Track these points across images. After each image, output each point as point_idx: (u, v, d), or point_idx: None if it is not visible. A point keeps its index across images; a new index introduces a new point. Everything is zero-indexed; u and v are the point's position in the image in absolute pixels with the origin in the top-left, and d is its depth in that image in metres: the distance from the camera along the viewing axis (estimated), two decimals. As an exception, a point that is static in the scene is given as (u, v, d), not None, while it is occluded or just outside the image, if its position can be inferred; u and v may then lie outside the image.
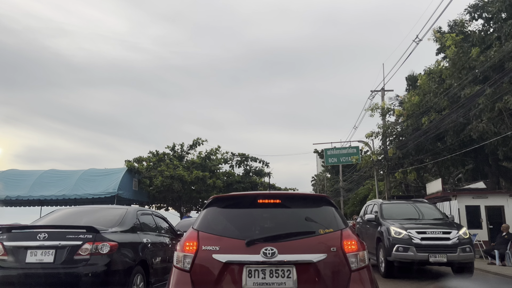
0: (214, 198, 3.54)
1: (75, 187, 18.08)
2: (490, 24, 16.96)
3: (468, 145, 16.63)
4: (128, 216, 5.45)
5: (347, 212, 42.01)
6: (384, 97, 23.45)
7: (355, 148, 25.04)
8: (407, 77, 24.88)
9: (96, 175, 18.87)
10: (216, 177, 23.14)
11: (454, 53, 15.76)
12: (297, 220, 3.38)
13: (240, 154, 27.96)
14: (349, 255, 3.06)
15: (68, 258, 4.42)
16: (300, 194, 4.35)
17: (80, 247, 4.45)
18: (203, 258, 3.05)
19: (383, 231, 8.67)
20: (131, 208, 5.80)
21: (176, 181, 20.62)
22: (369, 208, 11.16)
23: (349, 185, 40.56)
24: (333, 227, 3.24)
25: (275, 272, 2.97)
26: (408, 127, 19.03)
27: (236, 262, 2.99)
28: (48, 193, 17.78)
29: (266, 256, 2.96)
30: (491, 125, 13.48)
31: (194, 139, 24.06)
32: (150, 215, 6.32)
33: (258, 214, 3.40)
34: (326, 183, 54.49)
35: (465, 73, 15.14)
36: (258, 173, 28.40)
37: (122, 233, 5.02)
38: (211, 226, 3.28)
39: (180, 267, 3.10)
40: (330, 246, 3.07)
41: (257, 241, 3.05)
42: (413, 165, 20.69)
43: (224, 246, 3.06)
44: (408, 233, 8.09)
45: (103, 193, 17.59)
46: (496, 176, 19.17)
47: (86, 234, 4.53)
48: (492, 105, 13.53)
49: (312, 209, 3.43)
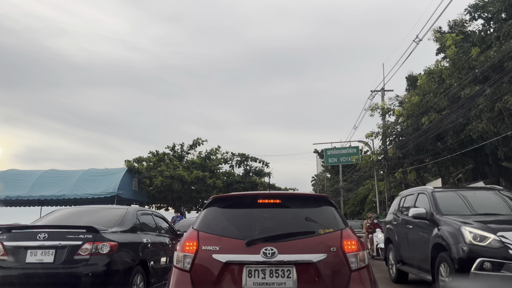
0: (214, 198, 3.53)
1: (75, 187, 18.09)
2: (490, 24, 16.96)
3: (468, 145, 16.64)
4: (128, 216, 5.45)
5: (347, 212, 42.02)
6: (384, 97, 23.48)
7: (355, 148, 25.05)
8: (407, 77, 24.89)
9: (96, 175, 18.88)
10: (216, 177, 23.15)
11: (454, 53, 15.76)
12: (297, 220, 3.36)
13: (240, 154, 27.99)
14: (349, 255, 3.04)
15: (68, 258, 4.42)
16: (300, 194, 4.33)
17: (80, 247, 4.46)
18: (203, 258, 3.04)
19: (447, 234, 5.31)
20: (131, 208, 5.80)
21: (176, 181, 20.63)
22: (408, 200, 7.53)
23: (349, 185, 40.55)
24: (333, 227, 3.23)
25: (275, 272, 2.96)
26: (408, 127, 19.04)
27: (236, 262, 2.98)
28: (48, 193, 17.78)
29: (266, 256, 2.95)
30: (491, 125, 13.48)
31: (194, 139, 24.10)
32: (150, 215, 6.32)
33: (258, 214, 3.39)
34: (326, 183, 54.49)
35: (465, 73, 15.14)
36: (258, 173, 28.43)
37: (122, 233, 5.02)
38: (211, 226, 3.27)
39: (180, 267, 3.09)
40: (330, 246, 3.06)
41: (257, 241, 3.04)
42: (413, 165, 20.70)
43: (224, 246, 3.05)
44: (499, 238, 4.74)
45: (103, 193, 17.59)
46: (496, 176, 19.17)
47: (86, 234, 4.54)
48: (492, 105, 13.53)
49: (312, 209, 3.41)
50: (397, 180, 25.35)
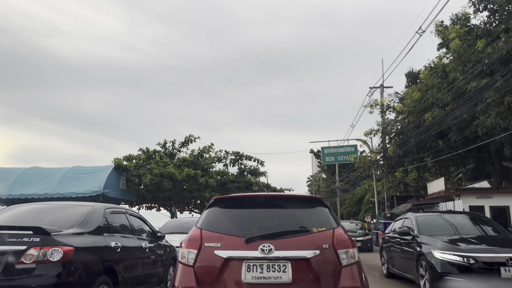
0: (215, 199, 3.74)
1: (58, 186, 17.09)
2: (496, 16, 16.26)
3: (472, 143, 15.89)
4: (93, 215, 4.53)
5: (343, 213, 41.15)
6: (383, 93, 22.70)
7: (353, 147, 24.25)
8: (406, 73, 24.15)
9: (81, 173, 17.88)
10: (209, 175, 22.18)
11: (458, 45, 15.03)
12: (293, 220, 3.58)
13: (235, 152, 27.09)
14: (340, 252, 3.24)
15: (7, 267, 3.49)
16: (296, 195, 4.48)
17: (23, 253, 3.52)
18: (206, 254, 3.24)
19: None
20: (98, 205, 4.87)
21: (166, 179, 19.62)
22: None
23: (345, 186, 39.73)
24: (326, 226, 3.43)
25: (271, 267, 3.15)
26: (409, 124, 18.25)
27: (236, 257, 3.18)
28: (29, 191, 16.74)
29: (263, 252, 3.16)
30: (500, 120, 12.70)
31: (186, 136, 23.04)
32: (124, 213, 5.39)
33: (257, 214, 3.63)
34: (322, 183, 53.64)
35: (471, 66, 14.38)
36: (253, 172, 27.57)
37: (82, 235, 4.10)
38: (213, 225, 3.47)
39: (185, 262, 3.30)
40: (323, 244, 3.25)
41: (255, 238, 3.24)
42: (413, 164, 19.94)
43: (225, 243, 3.25)
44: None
45: (88, 192, 16.62)
46: (500, 176, 18.45)
47: (33, 237, 3.61)
48: (500, 99, 12.76)
49: (307, 209, 3.64)
50: (395, 180, 24.57)
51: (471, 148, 16.00)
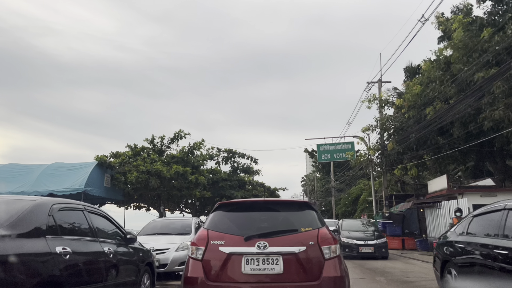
0: (219, 204, 4.46)
1: (36, 183, 15.90)
2: (501, 5, 15.50)
3: (475, 139, 15.09)
4: (32, 212, 3.51)
5: (338, 212, 40.31)
6: (381, 89, 21.87)
7: (350, 144, 23.39)
8: (405, 68, 23.32)
9: (62, 170, 16.71)
10: (199, 173, 21.12)
11: (462, 35, 14.22)
12: (284, 221, 4.26)
13: (227, 149, 26.07)
14: (324, 247, 3.88)
15: None
16: (288, 200, 5.09)
17: None
18: (212, 250, 3.93)
19: None
20: (43, 200, 3.85)
21: (153, 177, 18.52)
22: None
23: (340, 185, 38.88)
24: (313, 226, 4.08)
25: (266, 260, 3.83)
26: (409, 119, 17.42)
27: (237, 253, 3.86)
28: (4, 189, 15.49)
29: (259, 248, 3.84)
30: (509, 113, 11.89)
31: (176, 131, 21.93)
32: (81, 211, 4.37)
33: (255, 216, 4.33)
34: (316, 183, 52.75)
35: (477, 56, 13.56)
36: (246, 170, 26.57)
37: (9, 238, 3.08)
38: (218, 226, 4.16)
39: (194, 257, 3.98)
40: (309, 241, 3.91)
41: (253, 237, 3.92)
42: (412, 161, 19.12)
43: (228, 241, 3.95)
44: None
45: (68, 190, 15.45)
46: (503, 174, 17.68)
47: None
48: (509, 90, 11.95)
49: (297, 212, 4.34)
50: (394, 178, 23.75)
51: (474, 144, 15.21)
